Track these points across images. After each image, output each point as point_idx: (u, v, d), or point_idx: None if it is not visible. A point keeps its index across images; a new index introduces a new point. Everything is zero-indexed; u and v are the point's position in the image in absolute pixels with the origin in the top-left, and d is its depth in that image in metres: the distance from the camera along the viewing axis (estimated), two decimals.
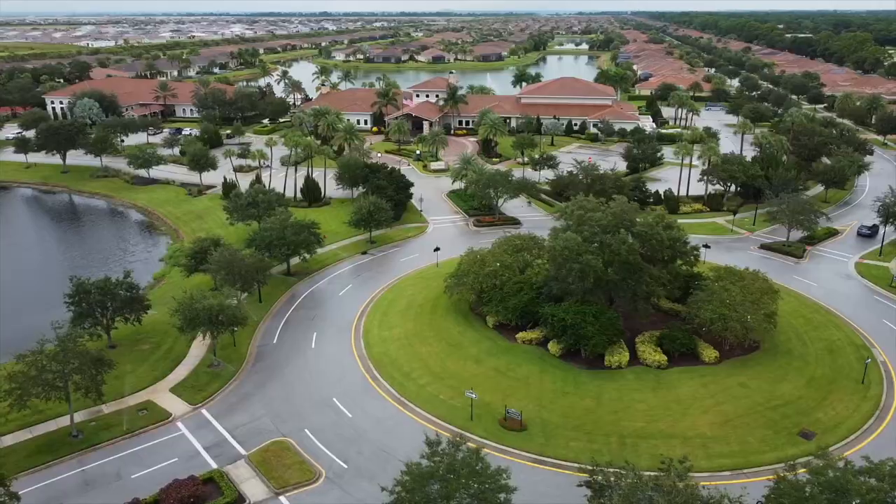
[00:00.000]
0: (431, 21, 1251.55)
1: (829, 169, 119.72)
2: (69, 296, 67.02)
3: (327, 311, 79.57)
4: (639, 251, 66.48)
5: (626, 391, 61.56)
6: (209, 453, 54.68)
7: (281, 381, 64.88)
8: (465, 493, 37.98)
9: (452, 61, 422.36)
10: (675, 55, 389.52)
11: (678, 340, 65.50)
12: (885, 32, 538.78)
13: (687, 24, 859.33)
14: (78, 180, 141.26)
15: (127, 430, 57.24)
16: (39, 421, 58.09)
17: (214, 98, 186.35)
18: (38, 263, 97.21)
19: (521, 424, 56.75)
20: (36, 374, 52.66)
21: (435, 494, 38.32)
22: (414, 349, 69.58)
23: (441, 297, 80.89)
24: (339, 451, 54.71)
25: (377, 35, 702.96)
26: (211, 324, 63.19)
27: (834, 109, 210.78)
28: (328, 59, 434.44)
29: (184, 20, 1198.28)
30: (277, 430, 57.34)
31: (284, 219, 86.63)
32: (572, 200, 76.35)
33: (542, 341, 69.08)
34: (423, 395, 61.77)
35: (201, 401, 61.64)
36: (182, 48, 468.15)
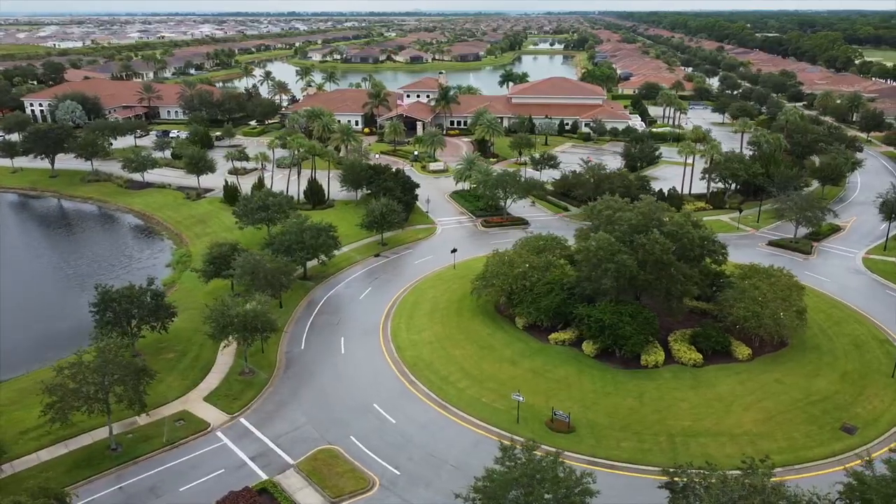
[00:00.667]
0: (402, 21, 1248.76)
1: (826, 166, 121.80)
2: (94, 304, 65.09)
3: (350, 316, 78.57)
4: (671, 250, 66.74)
5: (667, 390, 61.80)
6: (256, 463, 53.55)
7: (316, 388, 63.84)
8: (550, 498, 37.59)
9: (430, 61, 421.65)
10: (651, 54, 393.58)
11: (713, 338, 65.98)
12: (850, 32, 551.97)
13: (656, 24, 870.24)
14: (68, 185, 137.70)
15: (167, 442, 55.79)
16: (73, 434, 56.33)
17: (201, 100, 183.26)
18: (44, 272, 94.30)
19: (570, 426, 56.58)
20: (76, 386, 50.98)
21: (518, 500, 37.87)
22: (446, 352, 69.03)
23: (465, 299, 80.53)
24: (389, 457, 53.97)
25: (350, 35, 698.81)
26: (246, 330, 61.88)
27: (814, 108, 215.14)
28: (304, 60, 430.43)
29: (149, 20, 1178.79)
30: (322, 438, 56.37)
31: (301, 221, 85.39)
32: (599, 200, 76.46)
33: (575, 342, 69.09)
34: (464, 399, 61.27)
35: (238, 410, 60.35)
36: (153, 48, 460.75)
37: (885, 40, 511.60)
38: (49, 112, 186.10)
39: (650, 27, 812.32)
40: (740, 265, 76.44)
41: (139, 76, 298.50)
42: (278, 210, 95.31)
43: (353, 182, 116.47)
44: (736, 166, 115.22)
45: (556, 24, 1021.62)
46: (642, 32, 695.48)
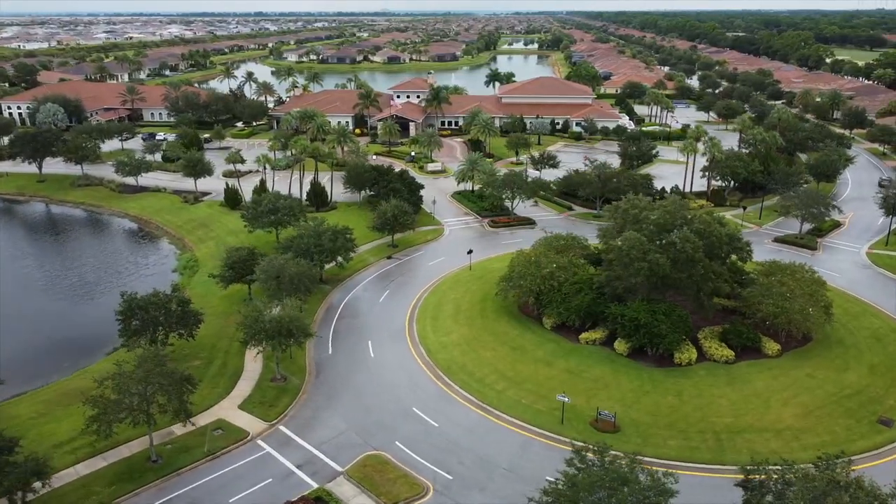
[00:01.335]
0: (372, 21, 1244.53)
1: (821, 162, 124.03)
2: (120, 312, 63.38)
3: (373, 319, 77.73)
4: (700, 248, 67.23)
5: (704, 387, 62.23)
6: (303, 471, 52.58)
7: (352, 393, 63.00)
8: (633, 500, 37.45)
9: (408, 62, 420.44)
10: (627, 54, 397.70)
11: (744, 335, 66.60)
12: (816, 31, 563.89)
13: (626, 24, 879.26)
14: (57, 190, 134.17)
15: (208, 452, 54.52)
16: (110, 447, 54.67)
17: (188, 102, 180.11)
18: (48, 280, 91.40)
19: (615, 426, 56.62)
20: (119, 397, 49.50)
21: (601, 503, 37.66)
22: (478, 354, 68.65)
23: (487, 300, 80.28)
24: (439, 462, 53.41)
25: (322, 35, 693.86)
26: (281, 336, 60.78)
27: (793, 105, 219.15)
28: (280, 60, 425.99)
29: (113, 20, 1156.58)
30: (366, 444, 55.58)
31: (318, 224, 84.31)
32: (623, 200, 76.78)
33: (605, 341, 69.23)
34: (504, 401, 60.96)
35: (276, 417, 59.25)
36: (122, 49, 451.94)
37: (850, 39, 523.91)
38: (29, 115, 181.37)
39: (620, 27, 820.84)
40: (760, 262, 77.25)
41: (114, 78, 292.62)
42: (289, 213, 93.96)
43: (356, 183, 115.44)
44: (736, 164, 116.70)
45: (526, 24, 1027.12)
46: (613, 32, 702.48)
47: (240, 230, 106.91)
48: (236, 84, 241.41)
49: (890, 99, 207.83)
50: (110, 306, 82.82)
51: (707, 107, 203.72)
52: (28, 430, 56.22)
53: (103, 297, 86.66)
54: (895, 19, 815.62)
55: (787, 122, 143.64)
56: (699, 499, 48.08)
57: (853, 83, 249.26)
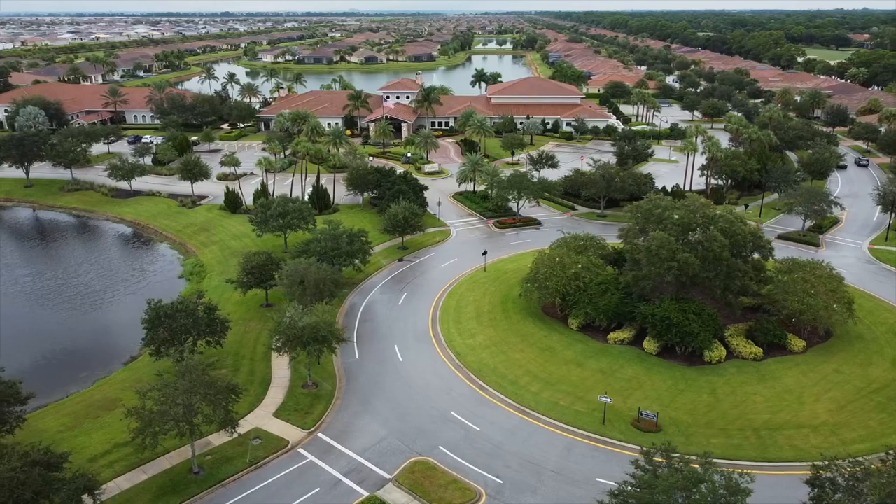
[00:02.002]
0: (342, 21, 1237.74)
1: (815, 160, 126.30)
2: (148, 321, 61.81)
3: (395, 322, 77.04)
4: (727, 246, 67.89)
5: (736, 385, 62.82)
6: (350, 479, 51.80)
7: (386, 398, 62.32)
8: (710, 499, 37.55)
9: (385, 62, 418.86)
10: (602, 54, 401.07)
11: (771, 332, 67.42)
12: (783, 30, 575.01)
13: (596, 24, 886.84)
14: (46, 195, 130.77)
15: (250, 462, 53.46)
16: (149, 459, 53.30)
17: (174, 104, 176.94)
18: (53, 289, 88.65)
19: (657, 426, 56.85)
20: (165, 408, 48.22)
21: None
22: (508, 356, 68.44)
23: (508, 302, 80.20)
24: (485, 465, 53.05)
25: (294, 35, 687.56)
26: (316, 342, 59.88)
27: (772, 104, 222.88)
28: (255, 61, 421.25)
29: (76, 21, 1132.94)
30: (410, 450, 55.00)
31: (335, 227, 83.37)
32: (644, 200, 77.22)
33: (633, 340, 69.56)
34: (542, 403, 60.84)
35: (313, 424, 58.33)
36: (90, 50, 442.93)
37: (817, 39, 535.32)
38: (7, 118, 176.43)
39: (591, 27, 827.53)
40: (778, 260, 78.19)
41: (87, 79, 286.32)
42: (298, 217, 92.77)
43: (358, 185, 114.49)
44: (735, 162, 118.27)
45: (497, 24, 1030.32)
46: (585, 32, 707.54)
47: (244, 234, 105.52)
48: (218, 85, 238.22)
49: (867, 97, 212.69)
50: (121, 314, 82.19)
51: (692, 106, 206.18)
52: (59, 444, 54.29)
53: (112, 305, 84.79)
54: (855, 19, 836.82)
55: (778, 120, 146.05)
56: (754, 498, 48.34)
57: (829, 82, 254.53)
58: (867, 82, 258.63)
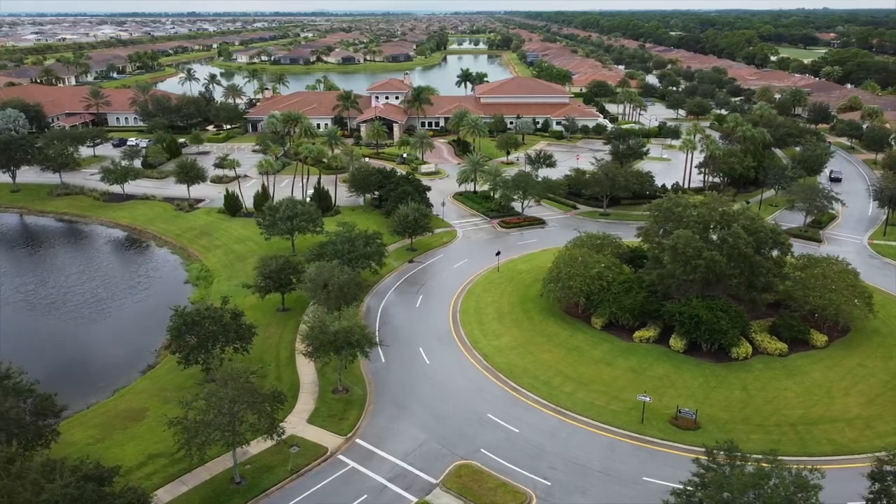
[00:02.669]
0: (312, 21, 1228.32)
1: (808, 157, 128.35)
2: (175, 329, 60.32)
3: (416, 325, 76.35)
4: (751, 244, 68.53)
5: (766, 380, 63.44)
6: (396, 485, 51.15)
7: (419, 402, 61.70)
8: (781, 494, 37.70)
9: (362, 62, 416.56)
10: (579, 53, 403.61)
11: (795, 328, 68.21)
12: (752, 30, 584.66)
13: (567, 24, 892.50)
14: (34, 200, 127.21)
15: (292, 471, 52.48)
16: (187, 469, 52.07)
17: (159, 105, 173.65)
18: (58, 298, 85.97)
19: (696, 423, 57.10)
20: (212, 418, 47.04)
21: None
22: (535, 357, 68.26)
23: (527, 302, 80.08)
24: (531, 467, 52.77)
25: (266, 36, 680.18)
26: (350, 346, 59.04)
27: (754, 102, 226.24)
28: (229, 62, 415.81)
29: (38, 21, 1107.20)
30: (452, 453, 54.47)
31: (350, 229, 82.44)
32: (663, 199, 77.63)
33: (658, 338, 69.86)
34: (578, 403, 60.75)
35: (350, 430, 57.50)
36: (55, 51, 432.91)
37: (785, 38, 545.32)
38: None
39: (563, 27, 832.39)
40: (794, 256, 79.05)
41: (60, 81, 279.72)
42: (307, 219, 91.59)
43: (361, 187, 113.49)
44: (733, 160, 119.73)
45: (469, 24, 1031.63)
46: (557, 32, 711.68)
47: (247, 238, 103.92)
48: (199, 86, 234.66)
49: (845, 95, 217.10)
50: (131, 322, 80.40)
51: (676, 104, 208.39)
52: (92, 457, 52.92)
53: (121, 312, 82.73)
54: (819, 18, 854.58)
55: (769, 118, 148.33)
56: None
57: (805, 80, 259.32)
58: (841, 80, 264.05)
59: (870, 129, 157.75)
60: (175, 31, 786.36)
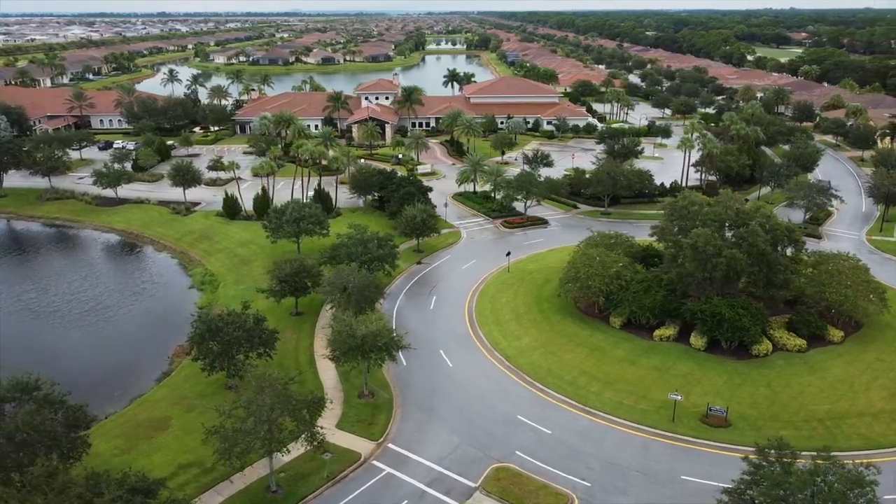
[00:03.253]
0: (285, 21, 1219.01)
1: (801, 154, 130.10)
2: (198, 336, 59.09)
3: (433, 327, 75.76)
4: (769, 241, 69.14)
5: (789, 377, 63.99)
6: (435, 490, 50.65)
7: (447, 404, 61.23)
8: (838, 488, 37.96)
9: (342, 62, 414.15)
10: (559, 53, 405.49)
11: (813, 324, 68.93)
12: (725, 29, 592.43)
13: (543, 24, 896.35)
14: (23, 205, 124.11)
15: (328, 478, 51.70)
16: (220, 478, 51.07)
17: (145, 107, 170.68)
18: (62, 304, 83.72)
19: (727, 420, 57.39)
20: (251, 426, 46.08)
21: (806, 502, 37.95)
22: (558, 357, 68.15)
23: (542, 302, 79.97)
24: (568, 468, 52.60)
25: (241, 36, 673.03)
26: (379, 350, 58.37)
27: (735, 101, 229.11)
28: (207, 63, 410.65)
29: (3, 21, 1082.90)
30: (488, 456, 54.10)
31: (362, 231, 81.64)
32: (678, 197, 78.01)
33: (677, 337, 70.17)
34: (606, 403, 60.74)
35: (381, 435, 56.86)
36: (25, 52, 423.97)
37: (759, 37, 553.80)
38: None
39: (538, 27, 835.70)
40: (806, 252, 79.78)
41: (35, 82, 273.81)
42: (314, 222, 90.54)
43: (362, 188, 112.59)
44: (729, 158, 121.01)
45: (444, 24, 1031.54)
46: (533, 32, 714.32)
47: (249, 241, 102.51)
48: (182, 88, 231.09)
49: (825, 93, 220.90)
50: (140, 328, 78.72)
51: (662, 103, 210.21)
52: (119, 469, 51.64)
53: (129, 319, 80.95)
54: (788, 18, 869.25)
55: (759, 117, 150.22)
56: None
57: (785, 79, 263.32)
58: (819, 79, 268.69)
59: (855, 127, 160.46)
60: (147, 32, 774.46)
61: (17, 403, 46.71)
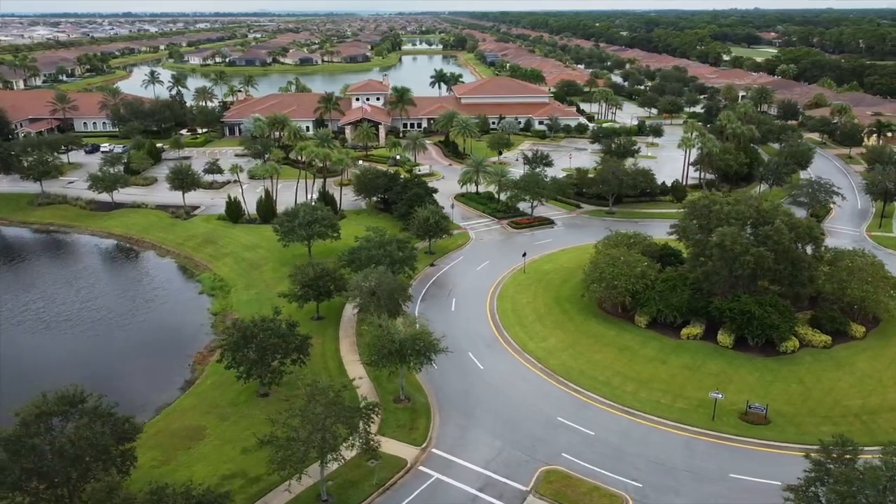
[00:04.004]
0: (255, 21, 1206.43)
1: (796, 152, 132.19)
2: (234, 343, 57.81)
3: (457, 330, 75.03)
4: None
5: (819, 372, 64.75)
6: (487, 494, 50.22)
7: (484, 408, 60.81)
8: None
9: (320, 63, 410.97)
10: (537, 53, 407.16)
11: (836, 320, 69.87)
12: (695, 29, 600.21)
13: (516, 24, 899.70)
14: (14, 210, 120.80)
15: (377, 485, 50.94)
16: (267, 489, 50.04)
17: (132, 110, 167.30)
18: (73, 313, 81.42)
19: (766, 418, 57.84)
20: (307, 435, 45.18)
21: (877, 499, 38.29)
22: (588, 357, 68.13)
23: (563, 303, 79.96)
24: (616, 469, 52.53)
25: (213, 37, 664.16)
26: (418, 354, 57.74)
27: (717, 100, 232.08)
28: (182, 63, 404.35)
29: None
30: (534, 459, 53.82)
31: (382, 233, 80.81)
32: (699, 196, 78.51)
33: (703, 335, 70.60)
34: (644, 402, 60.86)
35: (423, 440, 56.23)
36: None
37: (730, 37, 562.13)
38: None
39: (511, 27, 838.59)
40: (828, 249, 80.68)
41: (8, 84, 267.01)
42: (327, 225, 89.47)
43: (367, 190, 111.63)
44: (728, 157, 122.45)
45: (417, 25, 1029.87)
46: (507, 32, 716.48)
47: (255, 245, 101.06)
48: (164, 89, 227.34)
49: (806, 92, 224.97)
50: (156, 337, 77.02)
51: (649, 103, 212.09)
52: (160, 480, 50.29)
53: (143, 326, 79.19)
54: (756, 18, 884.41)
55: (751, 115, 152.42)
56: None
57: (765, 78, 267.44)
58: (796, 78, 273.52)
59: (842, 125, 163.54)
60: (115, 33, 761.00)
61: (62, 417, 45.09)
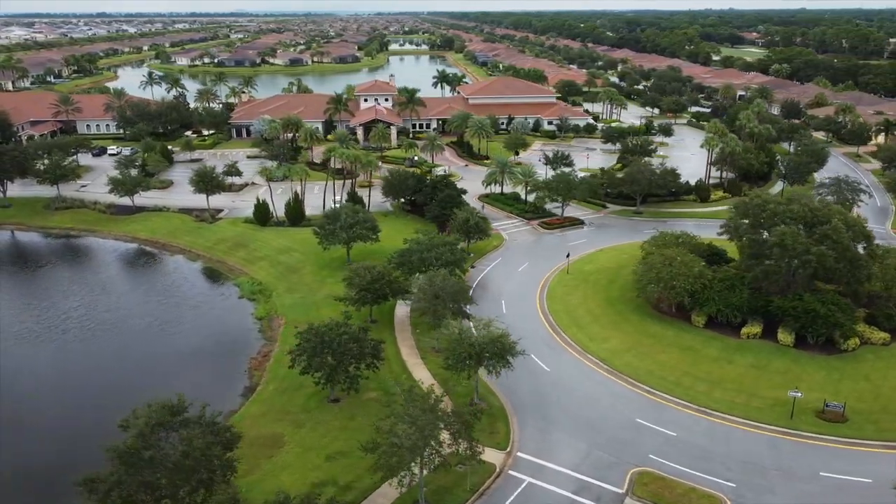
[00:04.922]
0: (235, 21, 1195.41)
1: (812, 152, 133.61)
2: (309, 349, 56.89)
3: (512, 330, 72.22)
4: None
5: (884, 369, 65.39)
6: (585, 498, 49.92)
7: (560, 410, 60.59)
8: None
9: (310, 63, 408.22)
10: (527, 54, 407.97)
11: (893, 318, 70.59)
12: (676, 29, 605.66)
13: (498, 24, 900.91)
14: (31, 215, 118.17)
15: (471, 490, 50.43)
16: (358, 498, 49.29)
17: (139, 111, 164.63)
18: (119, 321, 79.47)
19: (843, 416, 58.20)
20: (413, 442, 44.49)
21: None
22: (653, 358, 68.14)
23: (614, 303, 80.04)
24: (707, 470, 52.52)
25: (196, 37, 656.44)
26: (497, 357, 57.28)
27: (714, 99, 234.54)
28: (169, 64, 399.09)
29: None
30: (623, 461, 53.65)
31: (431, 236, 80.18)
32: (748, 196, 78.93)
33: (761, 334, 70.94)
34: (719, 402, 60.97)
35: (507, 444, 55.86)
36: None
37: (714, 37, 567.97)
38: None
39: (493, 27, 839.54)
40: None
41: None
42: (368, 227, 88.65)
43: (397, 191, 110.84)
44: (749, 156, 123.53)
45: (399, 25, 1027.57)
46: (491, 32, 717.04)
47: (289, 248, 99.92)
48: (162, 90, 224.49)
49: (804, 91, 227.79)
50: (206, 343, 75.50)
51: (652, 102, 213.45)
52: (252, 489, 49.57)
53: (191, 333, 77.79)
54: (735, 18, 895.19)
55: (764, 115, 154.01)
56: None
57: (760, 77, 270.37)
58: (790, 77, 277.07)
59: (850, 124, 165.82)
60: (93, 33, 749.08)
61: (164, 428, 43.93)
